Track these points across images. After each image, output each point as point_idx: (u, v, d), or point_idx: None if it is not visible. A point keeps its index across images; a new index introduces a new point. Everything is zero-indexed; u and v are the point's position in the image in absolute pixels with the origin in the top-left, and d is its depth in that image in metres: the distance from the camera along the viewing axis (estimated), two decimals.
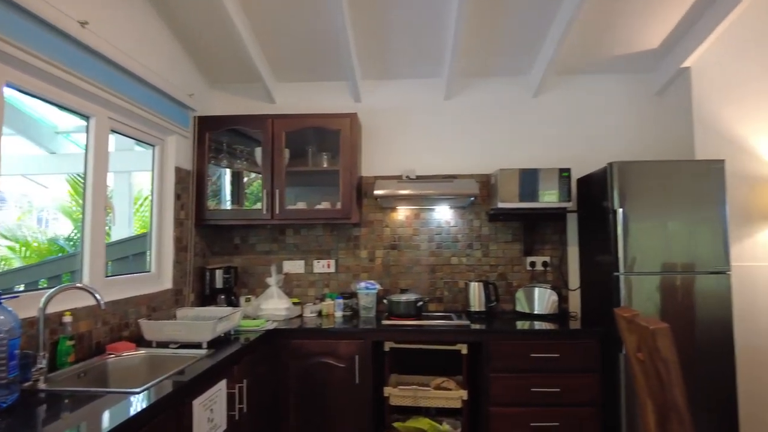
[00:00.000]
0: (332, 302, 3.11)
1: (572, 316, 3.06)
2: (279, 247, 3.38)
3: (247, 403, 2.19)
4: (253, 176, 3.48)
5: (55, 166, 3.01)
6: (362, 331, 2.70)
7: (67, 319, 1.86)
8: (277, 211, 2.99)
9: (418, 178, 3.23)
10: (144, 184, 3.01)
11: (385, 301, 3.02)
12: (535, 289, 3.05)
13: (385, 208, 3.34)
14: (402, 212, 3.34)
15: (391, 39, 2.95)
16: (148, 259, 2.74)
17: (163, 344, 2.18)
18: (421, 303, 2.96)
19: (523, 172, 2.92)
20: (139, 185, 3.09)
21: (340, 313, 3.07)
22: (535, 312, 3.01)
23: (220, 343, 2.25)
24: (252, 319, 2.86)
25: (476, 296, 3.05)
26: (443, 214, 3.32)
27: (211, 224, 3.11)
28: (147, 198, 2.89)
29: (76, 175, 2.80)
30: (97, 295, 1.78)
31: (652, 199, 2.59)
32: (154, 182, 2.78)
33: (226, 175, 3.47)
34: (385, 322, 2.81)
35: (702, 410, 2.47)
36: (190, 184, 3.01)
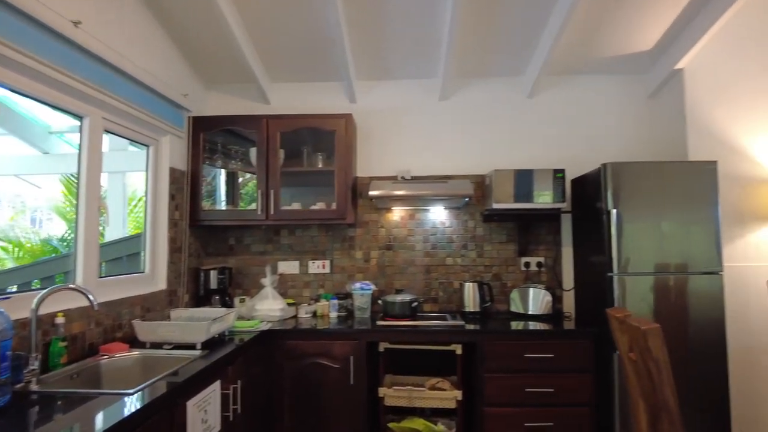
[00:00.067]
0: (327, 303, 3.11)
1: (566, 317, 3.07)
2: (274, 248, 3.37)
3: (242, 404, 2.19)
4: (248, 176, 3.47)
5: (48, 167, 3.00)
6: (357, 332, 2.70)
7: (60, 320, 1.85)
8: (272, 212, 2.98)
9: (413, 178, 3.23)
10: (138, 185, 3.00)
11: (380, 301, 3.02)
12: (530, 290, 3.05)
13: (380, 208, 3.34)
14: (397, 213, 3.34)
15: (386, 39, 2.96)
16: (142, 260, 2.73)
17: (156, 345, 2.18)
18: (416, 303, 2.97)
19: (518, 173, 2.93)
20: (134, 186, 3.09)
21: (335, 314, 3.07)
22: (530, 312, 3.02)
23: (214, 344, 2.25)
24: (246, 319, 2.86)
25: (471, 297, 3.05)
26: (438, 214, 3.33)
27: (206, 225, 3.11)
28: (141, 198, 2.88)
29: (70, 175, 2.79)
30: (90, 296, 1.78)
31: (646, 200, 2.61)
32: (148, 183, 2.77)
33: (221, 176, 3.46)
34: (380, 323, 2.82)
35: (695, 410, 2.49)
36: (184, 185, 3.00)
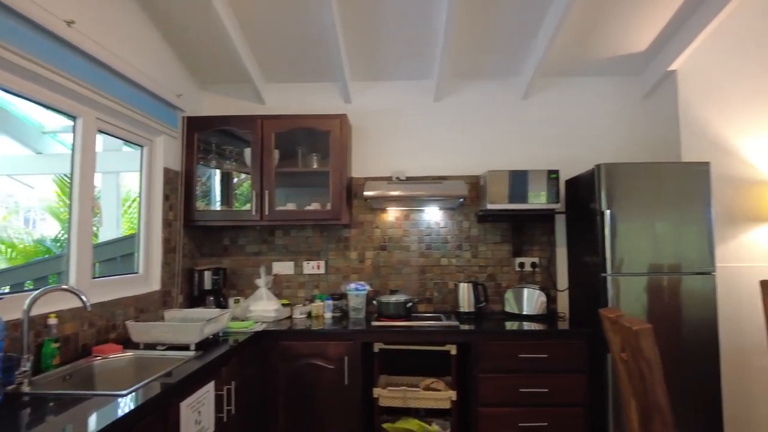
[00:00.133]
0: (322, 303, 3.11)
1: (560, 317, 3.09)
2: (268, 248, 3.37)
3: (236, 405, 2.18)
4: (243, 177, 3.46)
5: (41, 167, 2.98)
6: (352, 333, 2.70)
7: (53, 321, 1.84)
8: (267, 212, 2.98)
9: (407, 179, 3.23)
10: (132, 185, 2.99)
11: (375, 302, 3.03)
12: (524, 290, 3.06)
13: (375, 209, 3.34)
14: (392, 213, 3.34)
15: (381, 40, 2.96)
16: (136, 261, 2.72)
17: (150, 346, 2.17)
18: (411, 304, 2.97)
19: (512, 174, 2.94)
20: (128, 186, 3.07)
21: (329, 315, 3.07)
22: (524, 313, 3.03)
23: (208, 345, 2.24)
24: (241, 320, 2.86)
25: (465, 297, 3.06)
26: (433, 215, 3.33)
27: (200, 225, 3.10)
28: (135, 199, 2.87)
29: (63, 175, 2.78)
30: (83, 297, 1.77)
31: (639, 201, 2.62)
32: (142, 183, 2.76)
33: (216, 176, 3.45)
34: (375, 323, 2.81)
35: (689, 410, 2.50)
36: (178, 185, 2.99)
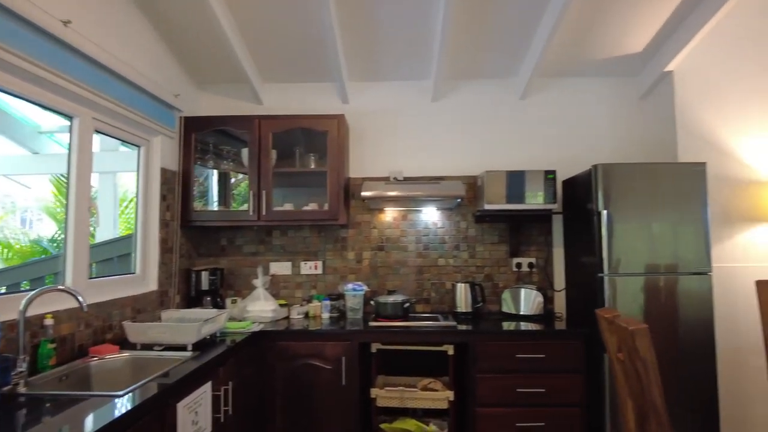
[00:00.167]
0: (319, 304, 3.11)
1: (557, 317, 3.08)
2: (266, 249, 3.36)
3: (233, 406, 2.18)
4: (240, 177, 3.45)
5: (38, 167, 2.98)
6: (349, 333, 2.70)
7: (49, 321, 1.83)
8: (264, 213, 2.97)
9: (405, 179, 3.24)
10: (129, 185, 2.98)
11: (373, 302, 3.03)
12: (521, 290, 3.07)
13: (372, 209, 3.34)
14: (389, 213, 3.34)
15: (379, 40, 2.96)
16: (133, 261, 2.71)
17: (147, 346, 2.17)
18: (408, 304, 2.97)
19: (510, 174, 2.94)
20: (125, 186, 3.07)
21: (327, 315, 3.07)
22: (521, 313, 3.03)
23: (205, 345, 2.24)
24: (238, 320, 2.86)
25: (463, 297, 3.06)
26: (430, 215, 3.33)
27: (198, 225, 3.09)
28: (132, 199, 2.86)
29: (60, 175, 2.77)
30: (80, 297, 1.76)
31: (636, 201, 2.63)
32: (139, 183, 2.75)
33: (214, 176, 3.45)
34: (372, 324, 2.81)
35: (685, 410, 2.51)
36: (175, 185, 2.99)
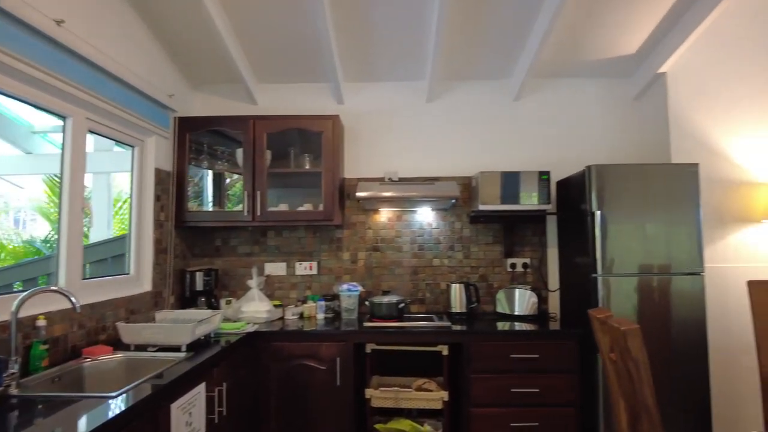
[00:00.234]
0: (314, 304, 3.11)
1: (552, 317, 3.10)
2: (260, 249, 3.36)
3: (227, 407, 2.18)
4: (235, 177, 3.45)
5: (31, 167, 2.96)
6: (344, 333, 2.70)
7: (41, 322, 1.83)
8: (259, 213, 2.97)
9: (400, 180, 3.24)
10: (123, 186, 2.97)
11: (367, 302, 3.03)
12: (516, 291, 3.08)
13: (367, 209, 3.34)
14: (384, 214, 3.35)
15: (374, 41, 2.96)
16: (126, 262, 2.70)
17: (141, 347, 2.16)
18: (403, 305, 2.97)
19: (504, 175, 2.95)
20: (119, 186, 3.05)
21: (321, 315, 3.07)
22: (516, 313, 3.04)
23: (199, 346, 2.23)
24: (233, 321, 2.85)
25: (457, 297, 3.07)
26: (425, 216, 3.34)
27: (192, 226, 3.08)
28: (126, 200, 2.85)
29: (53, 175, 2.76)
30: (72, 298, 1.76)
31: (629, 202, 2.64)
32: (133, 183, 2.74)
33: (208, 177, 3.44)
34: (367, 324, 2.81)
35: (678, 410, 2.53)
36: (170, 186, 2.98)
